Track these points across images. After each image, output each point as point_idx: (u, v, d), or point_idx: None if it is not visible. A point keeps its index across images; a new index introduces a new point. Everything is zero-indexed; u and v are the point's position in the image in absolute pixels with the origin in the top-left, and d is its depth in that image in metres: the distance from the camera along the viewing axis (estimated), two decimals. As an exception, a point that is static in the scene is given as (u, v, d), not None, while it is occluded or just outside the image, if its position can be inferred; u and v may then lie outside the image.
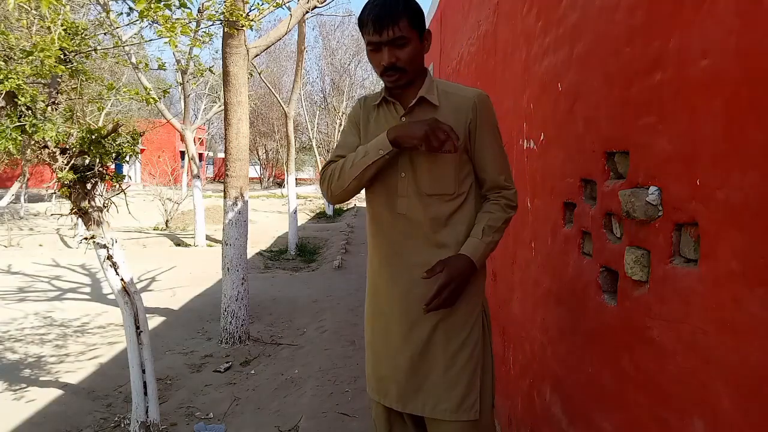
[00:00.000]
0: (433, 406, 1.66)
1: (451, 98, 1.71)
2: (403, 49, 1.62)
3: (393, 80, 1.66)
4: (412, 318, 1.69)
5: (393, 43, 1.60)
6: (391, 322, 1.75)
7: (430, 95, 1.70)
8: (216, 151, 42.54)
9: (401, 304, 1.71)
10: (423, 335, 1.68)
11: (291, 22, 5.50)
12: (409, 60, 1.63)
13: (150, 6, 2.48)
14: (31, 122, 2.58)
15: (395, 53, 1.62)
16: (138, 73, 9.43)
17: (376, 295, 1.82)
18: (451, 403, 1.64)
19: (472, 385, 1.66)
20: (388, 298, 1.76)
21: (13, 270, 8.58)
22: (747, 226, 1.09)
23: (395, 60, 1.62)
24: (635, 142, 1.53)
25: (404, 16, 1.59)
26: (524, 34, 2.67)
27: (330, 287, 7.37)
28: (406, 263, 1.71)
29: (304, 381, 3.94)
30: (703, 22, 1.23)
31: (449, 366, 1.65)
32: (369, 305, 1.87)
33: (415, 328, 1.69)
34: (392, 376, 1.74)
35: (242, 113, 4.93)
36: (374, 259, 1.84)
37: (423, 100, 1.69)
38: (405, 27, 1.60)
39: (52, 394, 3.90)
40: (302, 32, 10.80)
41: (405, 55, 1.62)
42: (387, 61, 1.62)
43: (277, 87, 23.03)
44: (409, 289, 1.70)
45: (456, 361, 1.65)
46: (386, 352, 1.76)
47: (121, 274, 3.03)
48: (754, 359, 1.07)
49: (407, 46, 1.62)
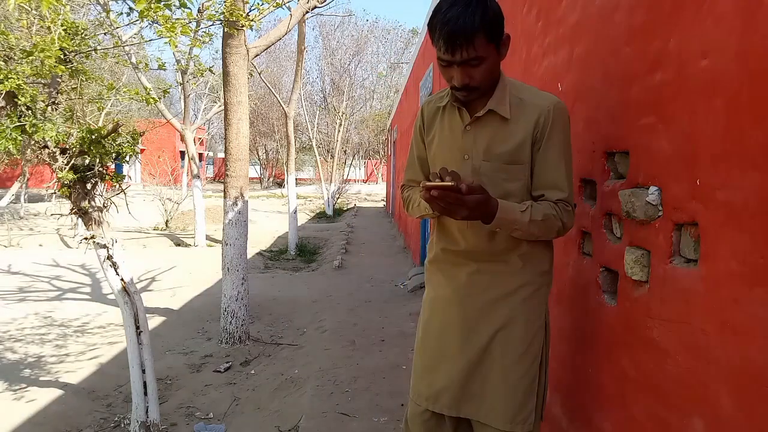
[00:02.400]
0: (488, 411, 1.62)
1: (525, 107, 1.57)
2: (478, 68, 1.49)
3: (463, 96, 1.57)
4: (470, 324, 1.65)
5: (467, 63, 1.48)
6: (447, 329, 1.70)
7: (501, 106, 1.57)
8: (216, 151, 42.57)
9: (461, 307, 1.67)
10: (481, 343, 1.63)
11: (291, 22, 5.50)
12: (483, 78, 1.52)
13: (150, 6, 2.48)
14: (31, 122, 2.58)
15: (469, 72, 1.50)
16: (138, 73, 9.42)
17: (434, 300, 1.77)
18: (508, 413, 1.60)
19: (528, 399, 1.61)
20: (445, 302, 1.71)
21: (13, 270, 8.57)
22: (747, 226, 1.09)
23: (468, 81, 1.51)
24: (635, 142, 1.53)
25: (480, 32, 1.43)
26: (524, 34, 2.67)
27: (330, 287, 7.37)
28: (469, 268, 1.67)
29: (304, 381, 3.93)
30: (703, 23, 1.23)
31: (507, 376, 1.61)
32: (425, 310, 1.81)
33: (472, 335, 1.65)
34: (447, 381, 1.67)
35: (242, 113, 4.93)
36: (433, 266, 1.80)
37: (492, 112, 1.58)
38: (481, 44, 1.45)
39: (53, 394, 3.90)
40: (302, 32, 10.80)
41: (479, 74, 1.50)
42: (459, 83, 1.52)
43: (277, 87, 23.03)
44: (467, 294, 1.67)
45: (514, 372, 1.61)
46: (440, 356, 1.71)
47: (121, 274, 3.03)
48: (754, 359, 1.07)
49: (483, 64, 1.49)
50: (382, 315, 5.74)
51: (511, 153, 1.58)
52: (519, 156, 1.57)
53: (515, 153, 1.57)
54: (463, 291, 1.67)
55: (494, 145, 1.59)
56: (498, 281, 1.64)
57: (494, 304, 1.63)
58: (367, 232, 13.92)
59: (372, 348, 4.59)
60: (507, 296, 1.63)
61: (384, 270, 8.54)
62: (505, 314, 1.62)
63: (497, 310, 1.63)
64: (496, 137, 1.59)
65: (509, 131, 1.58)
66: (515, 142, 1.57)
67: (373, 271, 8.53)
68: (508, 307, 1.62)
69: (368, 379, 3.85)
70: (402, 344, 4.60)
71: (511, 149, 1.57)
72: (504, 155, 1.58)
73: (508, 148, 1.58)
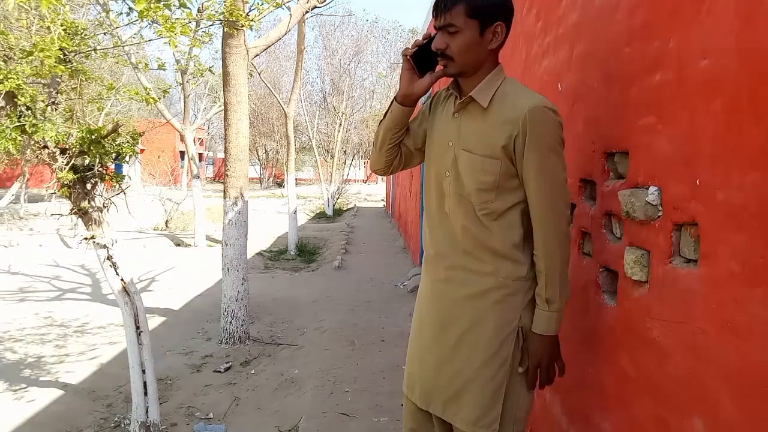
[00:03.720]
0: (454, 413, 1.63)
1: (505, 104, 1.56)
2: (454, 37, 1.55)
3: (443, 66, 1.62)
4: (443, 320, 1.67)
5: (445, 29, 1.56)
6: (425, 320, 1.74)
7: (482, 95, 1.59)
8: (216, 151, 42.55)
9: (436, 303, 1.70)
10: (452, 339, 1.65)
11: (291, 22, 5.50)
12: (458, 50, 1.56)
13: (150, 6, 2.48)
14: (31, 122, 2.58)
15: (445, 39, 1.57)
16: (138, 73, 9.42)
17: (419, 296, 1.83)
18: (471, 415, 1.60)
19: (494, 403, 1.60)
20: (426, 296, 1.76)
21: (13, 270, 8.57)
22: (747, 226, 1.08)
23: (444, 47, 1.57)
24: (635, 143, 1.53)
25: (461, 4, 1.52)
26: (524, 34, 2.67)
27: (330, 287, 7.37)
28: (444, 264, 1.68)
29: (304, 381, 3.94)
30: (702, 23, 1.23)
31: (473, 378, 1.61)
32: (416, 302, 1.87)
33: (445, 330, 1.66)
34: (419, 373, 1.73)
35: (242, 113, 4.93)
36: (423, 265, 1.83)
37: (473, 99, 1.61)
38: (458, 15, 1.53)
39: (53, 394, 3.90)
40: (302, 32, 10.80)
41: (455, 44, 1.56)
42: (435, 46, 1.58)
43: (277, 87, 23.03)
44: (441, 291, 1.69)
45: (480, 375, 1.60)
46: (418, 348, 1.76)
47: (121, 274, 3.03)
48: (754, 359, 1.07)
49: (458, 34, 1.55)
50: (382, 315, 5.74)
51: (485, 145, 1.57)
52: (492, 150, 1.56)
53: (489, 146, 1.56)
54: (438, 287, 1.70)
55: (473, 135, 1.61)
56: (470, 280, 1.63)
57: (465, 303, 1.64)
58: (366, 232, 13.92)
59: (372, 348, 4.59)
60: (478, 296, 1.62)
61: (384, 270, 8.54)
62: (475, 315, 1.61)
63: (467, 309, 1.63)
64: (476, 128, 1.60)
65: (487, 124, 1.58)
66: (489, 135, 1.57)
67: (373, 271, 8.53)
68: (478, 309, 1.61)
69: (368, 379, 3.85)
70: (402, 344, 4.60)
71: (485, 141, 1.57)
72: (479, 147, 1.58)
73: (483, 140, 1.58)
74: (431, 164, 1.75)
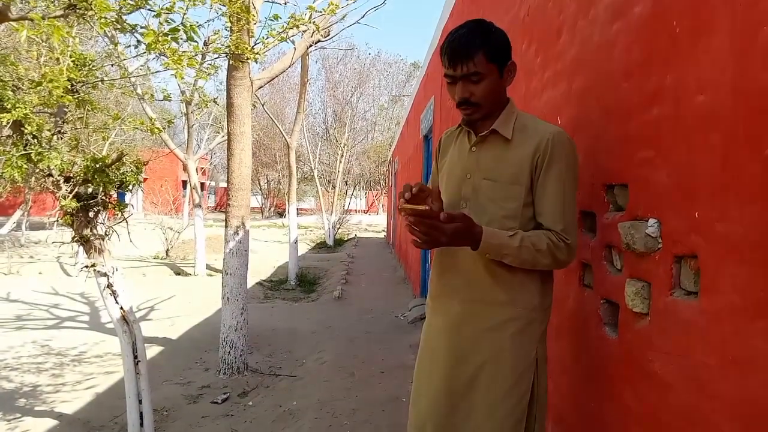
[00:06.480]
0: None
1: (527, 133, 1.63)
2: (478, 85, 1.59)
3: (467, 114, 1.66)
4: (457, 354, 1.64)
5: (467, 78, 1.59)
6: (436, 356, 1.70)
7: (504, 127, 1.64)
8: (218, 180, 42.78)
9: (450, 337, 1.67)
10: (468, 374, 1.62)
11: (294, 55, 5.60)
12: (483, 95, 1.61)
13: (158, 39, 2.54)
14: (37, 151, 2.61)
15: (469, 88, 1.60)
16: (143, 104, 9.55)
17: (428, 326, 1.79)
18: None
19: None
20: (437, 331, 1.72)
21: (12, 297, 8.53)
22: (747, 259, 1.09)
23: (468, 95, 1.61)
24: (634, 175, 1.54)
25: (480, 51, 1.56)
26: (523, 69, 2.71)
27: (329, 318, 7.32)
28: (459, 297, 1.67)
29: (302, 413, 3.88)
30: (698, 59, 1.26)
31: (492, 413, 1.57)
32: (421, 339, 1.82)
33: (459, 365, 1.63)
34: (431, 412, 1.66)
35: (245, 144, 4.98)
36: (431, 291, 1.82)
37: (495, 132, 1.66)
38: (481, 62, 1.56)
39: (47, 425, 3.84)
40: (305, 65, 10.97)
41: (479, 90, 1.60)
42: (459, 96, 1.61)
43: (280, 118, 23.28)
44: (457, 324, 1.66)
45: (500, 409, 1.57)
46: (428, 386, 1.70)
47: (121, 302, 3.02)
48: (757, 392, 1.06)
49: (482, 81, 1.59)
50: (382, 347, 5.69)
51: (510, 173, 1.62)
52: (517, 177, 1.61)
53: (514, 174, 1.61)
54: (453, 320, 1.68)
55: (495, 164, 1.65)
56: (487, 313, 1.63)
57: (482, 336, 1.62)
58: (367, 262, 13.88)
59: (371, 380, 4.54)
60: (495, 329, 1.61)
61: (384, 301, 8.49)
62: (493, 347, 1.60)
63: (485, 342, 1.61)
64: (498, 157, 1.65)
65: (510, 152, 1.63)
66: (515, 163, 1.61)
67: (373, 302, 8.48)
68: (497, 341, 1.60)
69: (367, 412, 3.80)
70: (402, 376, 4.55)
71: (510, 170, 1.62)
72: (503, 175, 1.63)
73: (507, 169, 1.62)
74: (444, 196, 1.78)
